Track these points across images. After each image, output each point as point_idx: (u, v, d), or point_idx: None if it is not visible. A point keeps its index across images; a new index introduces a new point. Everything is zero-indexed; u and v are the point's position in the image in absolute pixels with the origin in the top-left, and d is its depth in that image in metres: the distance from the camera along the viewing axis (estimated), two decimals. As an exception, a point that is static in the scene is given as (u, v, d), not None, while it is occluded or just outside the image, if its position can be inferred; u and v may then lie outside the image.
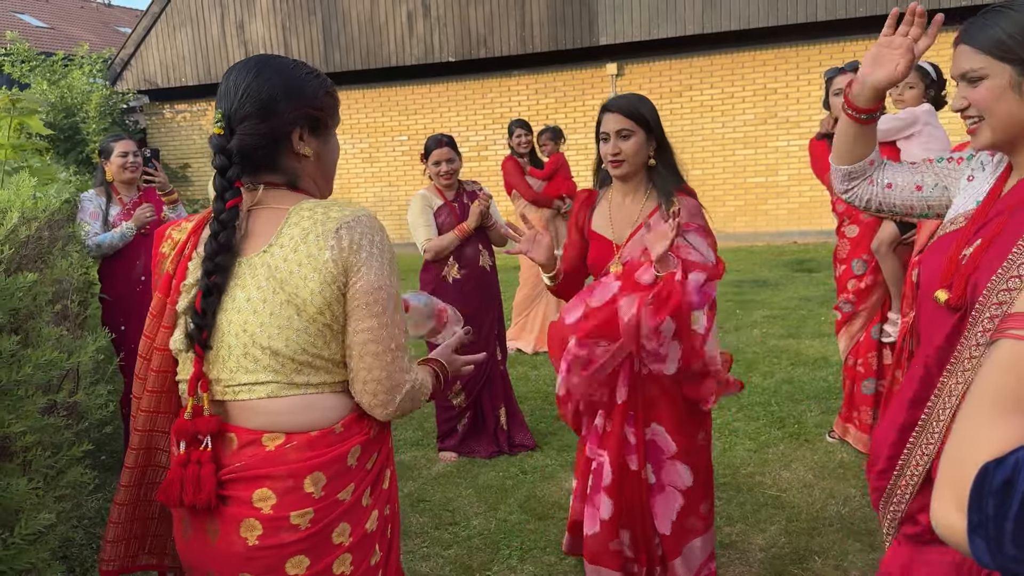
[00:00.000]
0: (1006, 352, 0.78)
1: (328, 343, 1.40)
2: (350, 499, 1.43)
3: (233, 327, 1.40)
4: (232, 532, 1.39)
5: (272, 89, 1.42)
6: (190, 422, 1.41)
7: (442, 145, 4.04)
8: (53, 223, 2.66)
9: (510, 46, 11.63)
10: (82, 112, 12.70)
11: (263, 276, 1.39)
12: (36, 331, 1.86)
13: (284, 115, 1.43)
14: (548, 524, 3.37)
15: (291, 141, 1.45)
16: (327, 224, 1.38)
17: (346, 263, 1.37)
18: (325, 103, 1.50)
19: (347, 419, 1.44)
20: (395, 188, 12.99)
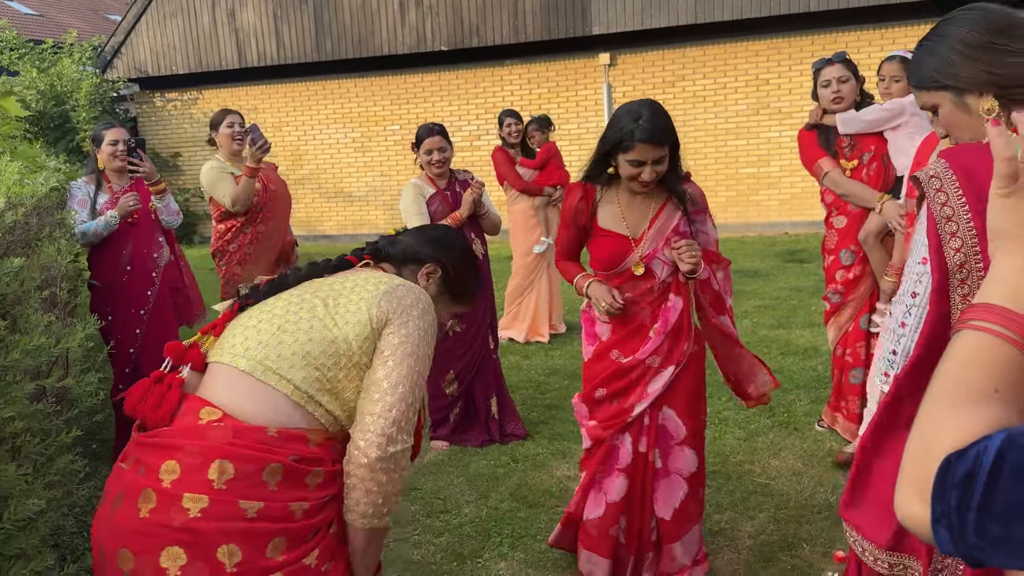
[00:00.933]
0: (966, 343, 0.78)
1: (350, 380, 1.51)
2: (253, 518, 1.34)
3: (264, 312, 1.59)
4: (130, 502, 1.37)
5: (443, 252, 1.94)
6: (185, 346, 1.54)
7: (434, 134, 4.03)
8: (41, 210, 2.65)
9: (503, 35, 11.58)
10: (72, 100, 12.60)
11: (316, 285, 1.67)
12: (24, 317, 1.85)
13: (443, 265, 1.92)
14: (539, 512, 3.38)
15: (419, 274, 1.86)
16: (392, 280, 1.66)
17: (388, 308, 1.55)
18: (458, 268, 1.94)
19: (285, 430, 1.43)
20: (387, 178, 12.95)
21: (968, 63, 1.47)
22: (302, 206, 12.67)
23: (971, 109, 1.49)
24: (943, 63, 1.50)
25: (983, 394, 0.74)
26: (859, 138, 3.69)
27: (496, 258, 4.94)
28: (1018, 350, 0.76)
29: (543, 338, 6.06)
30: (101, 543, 1.41)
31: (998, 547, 0.65)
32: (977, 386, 0.75)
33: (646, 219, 2.59)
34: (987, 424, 0.71)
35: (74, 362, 2.46)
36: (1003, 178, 0.81)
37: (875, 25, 10.41)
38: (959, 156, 1.47)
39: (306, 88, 12.82)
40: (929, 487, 0.70)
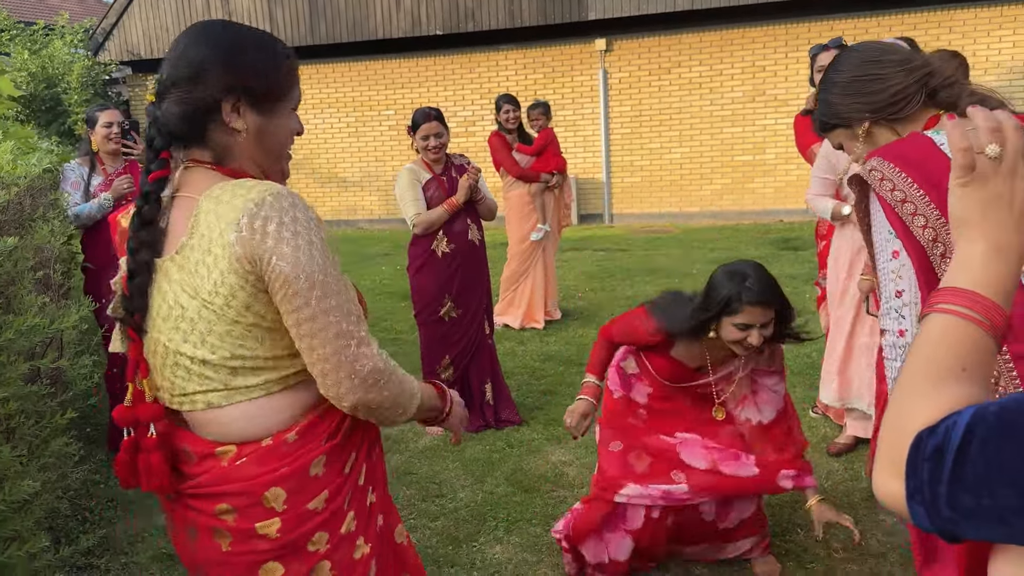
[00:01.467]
0: (935, 325, 0.81)
1: (261, 342, 1.29)
2: (324, 507, 1.37)
3: (166, 333, 1.31)
4: (206, 537, 1.37)
5: (204, 54, 1.31)
6: (130, 409, 1.34)
7: (430, 119, 4.00)
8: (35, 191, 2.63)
9: (498, 20, 11.51)
10: (64, 83, 12.49)
11: (178, 283, 1.29)
12: (18, 297, 1.84)
13: (214, 83, 1.30)
14: (534, 496, 3.39)
15: (221, 112, 1.32)
16: (230, 215, 1.25)
17: (252, 257, 1.23)
18: (273, 75, 1.36)
19: (303, 425, 1.34)
20: (382, 163, 12.90)
21: (847, 99, 1.69)
22: (295, 191, 12.59)
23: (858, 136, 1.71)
24: (829, 107, 1.73)
25: (952, 373, 0.77)
26: None
27: (492, 244, 4.93)
28: (984, 331, 0.78)
29: (538, 324, 6.06)
30: (196, 566, 1.43)
31: (970, 519, 0.67)
32: (946, 365, 0.78)
33: (730, 366, 2.60)
34: (956, 401, 0.73)
35: (68, 344, 2.44)
36: (960, 168, 0.83)
37: (871, 12, 10.39)
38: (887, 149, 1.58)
39: (300, 72, 12.69)
40: (903, 464, 0.72)
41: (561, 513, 3.20)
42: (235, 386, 1.30)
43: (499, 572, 2.86)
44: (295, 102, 1.43)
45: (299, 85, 1.46)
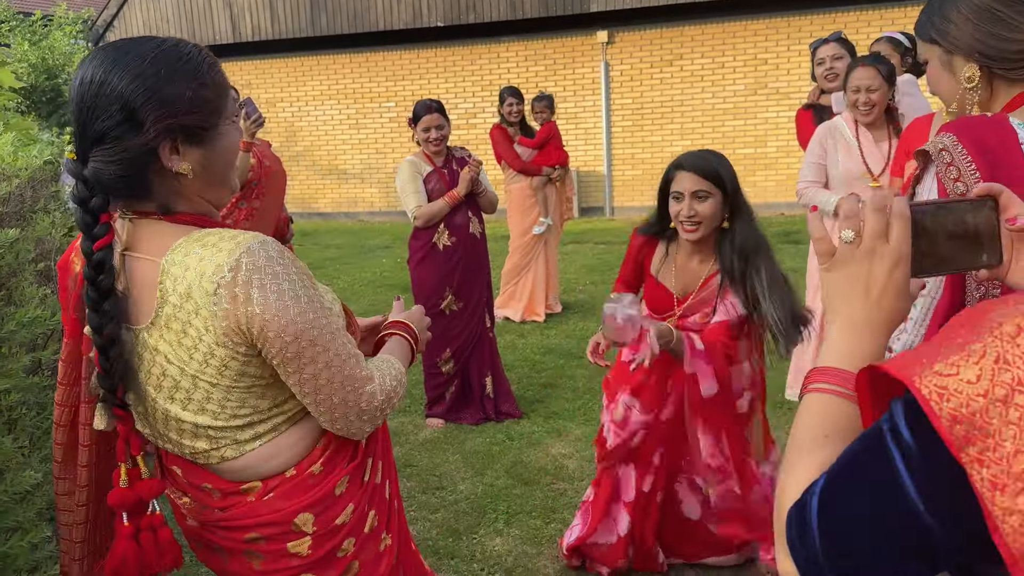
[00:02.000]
0: (806, 405, 0.85)
1: (262, 397, 1.25)
2: (351, 518, 1.38)
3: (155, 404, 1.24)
4: (237, 559, 1.36)
5: (127, 94, 1.12)
6: (129, 491, 1.25)
7: (431, 111, 3.99)
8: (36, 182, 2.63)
9: (500, 12, 11.47)
10: (64, 74, 12.48)
11: (162, 355, 1.19)
12: (19, 289, 1.84)
13: (145, 130, 1.13)
14: (534, 489, 3.40)
15: (159, 159, 1.16)
16: (203, 283, 1.13)
17: (239, 328, 1.15)
18: (201, 99, 1.18)
19: (328, 455, 1.33)
20: (382, 156, 12.88)
21: (966, 26, 1.46)
22: (296, 183, 12.60)
23: (955, 71, 1.50)
24: (942, 19, 1.50)
25: (816, 442, 0.80)
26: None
27: (493, 237, 4.93)
28: (844, 399, 0.82)
29: (539, 317, 6.06)
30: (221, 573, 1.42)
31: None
32: (811, 436, 0.81)
33: (697, 282, 2.50)
34: (819, 467, 0.75)
35: (69, 336, 2.44)
36: (820, 255, 0.88)
37: (873, 5, 10.35)
38: (968, 129, 1.45)
39: (301, 64, 12.71)
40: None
41: (560, 507, 3.22)
42: (244, 439, 1.27)
43: (499, 564, 2.87)
44: (232, 112, 1.26)
45: (229, 88, 1.33)
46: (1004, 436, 0.57)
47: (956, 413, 0.59)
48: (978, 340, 0.61)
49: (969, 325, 0.64)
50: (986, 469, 0.57)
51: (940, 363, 0.62)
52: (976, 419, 0.58)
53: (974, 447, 0.58)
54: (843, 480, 0.69)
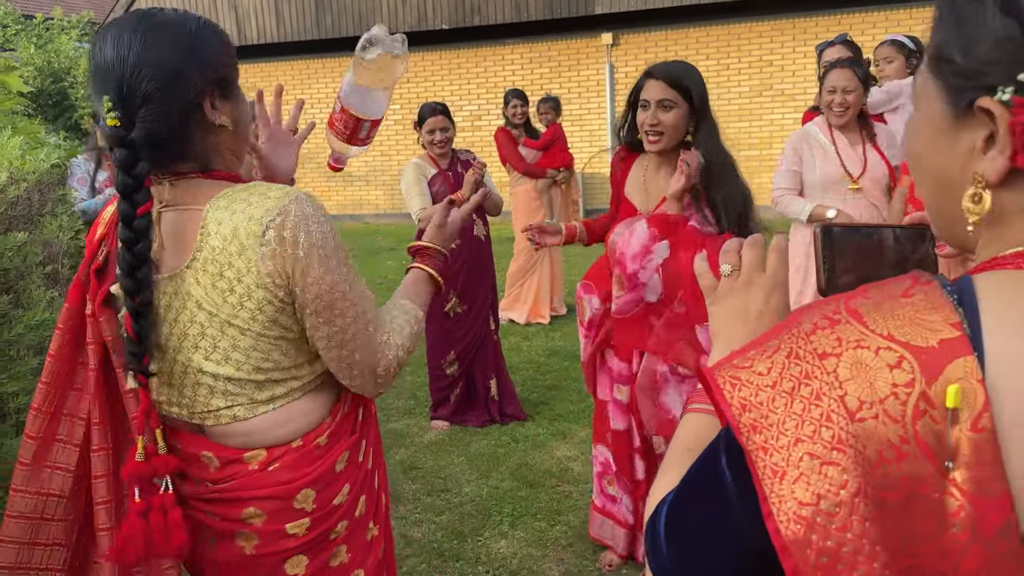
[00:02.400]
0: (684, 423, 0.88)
1: (286, 353, 1.27)
2: (347, 500, 1.39)
3: (176, 355, 1.24)
4: (229, 542, 1.33)
5: (171, 55, 1.17)
6: (146, 465, 1.24)
7: (436, 113, 4.00)
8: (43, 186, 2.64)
9: (504, 14, 11.49)
10: (70, 77, 12.53)
11: (192, 300, 1.21)
12: (27, 292, 1.85)
13: (192, 84, 1.18)
14: (539, 491, 3.40)
15: (204, 113, 1.21)
16: (251, 227, 1.17)
17: (283, 272, 1.19)
18: (228, 56, 1.26)
19: (333, 428, 1.35)
20: (388, 157, 12.90)
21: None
22: (301, 185, 12.59)
23: None
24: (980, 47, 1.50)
25: (681, 456, 0.82)
26: None
27: (497, 239, 4.93)
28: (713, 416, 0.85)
29: (544, 320, 6.06)
30: (202, 568, 1.40)
31: None
32: (679, 450, 0.84)
33: (662, 194, 2.47)
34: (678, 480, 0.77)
35: (76, 339, 2.45)
36: (706, 291, 0.94)
37: (879, 7, 10.33)
38: None
39: (306, 66, 12.74)
40: None
41: (565, 510, 3.22)
42: (260, 399, 1.28)
43: (504, 566, 2.87)
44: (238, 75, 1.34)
45: None
46: (787, 426, 0.59)
47: (745, 402, 0.61)
48: (776, 338, 0.64)
49: (779, 328, 0.65)
50: (768, 456, 0.59)
51: (739, 358, 0.65)
52: (763, 408, 0.60)
53: (759, 435, 0.60)
54: (685, 491, 0.71)
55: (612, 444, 2.68)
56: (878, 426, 0.57)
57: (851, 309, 0.62)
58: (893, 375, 0.57)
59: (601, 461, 2.75)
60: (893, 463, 0.56)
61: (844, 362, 0.59)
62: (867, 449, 0.56)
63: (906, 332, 0.58)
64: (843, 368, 0.59)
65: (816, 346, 0.61)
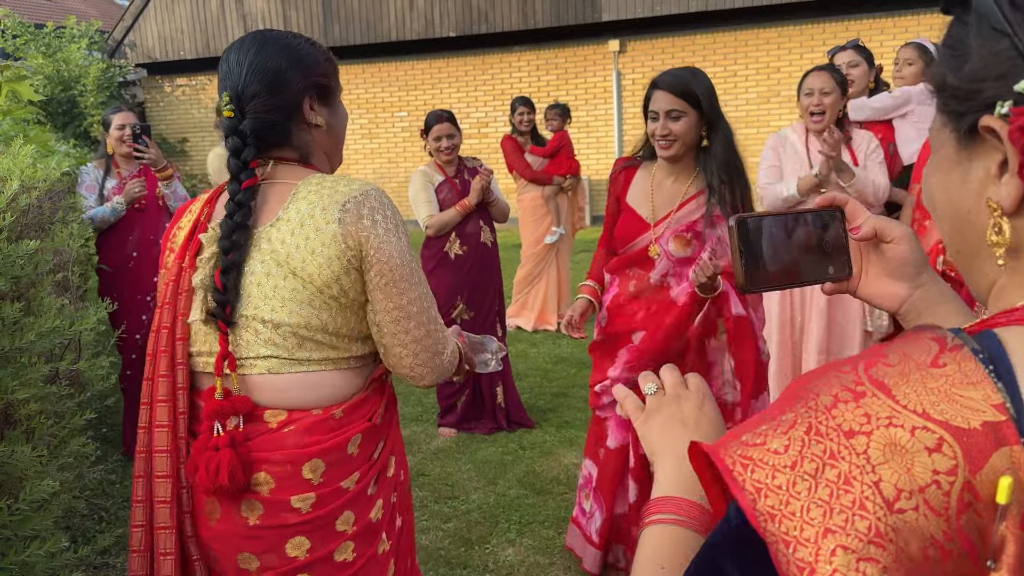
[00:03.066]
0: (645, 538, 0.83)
1: (334, 316, 1.37)
2: (354, 488, 1.42)
3: (246, 303, 1.38)
4: (233, 511, 1.37)
5: (277, 61, 1.39)
6: (227, 403, 1.36)
7: (442, 121, 4.02)
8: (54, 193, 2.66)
9: (512, 21, 11.53)
10: (79, 86, 12.60)
11: (268, 250, 1.37)
12: (38, 299, 1.86)
13: (293, 86, 1.40)
14: (547, 499, 3.39)
15: (303, 112, 1.43)
16: (335, 197, 1.35)
17: (357, 238, 1.34)
18: (328, 69, 1.48)
19: (350, 404, 1.42)
20: (395, 164, 12.94)
21: None
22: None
23: None
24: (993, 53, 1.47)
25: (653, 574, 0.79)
26: (868, 126, 3.67)
27: (505, 246, 4.94)
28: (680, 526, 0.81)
29: (551, 326, 6.06)
30: (211, 548, 1.41)
31: None
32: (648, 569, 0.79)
33: (672, 204, 2.45)
34: None
35: (86, 345, 2.47)
36: (632, 414, 0.94)
37: (887, 13, 10.33)
38: None
39: (314, 74, 12.79)
40: None
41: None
42: (297, 357, 1.37)
43: (511, 574, 2.86)
44: (341, 92, 1.55)
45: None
46: (812, 514, 0.51)
47: (760, 485, 0.53)
48: (791, 410, 0.56)
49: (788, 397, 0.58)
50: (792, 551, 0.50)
51: (748, 433, 0.56)
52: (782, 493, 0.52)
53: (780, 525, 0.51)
54: None
55: (602, 461, 2.65)
56: (919, 519, 0.49)
57: (875, 380, 0.54)
58: (933, 460, 0.50)
59: (585, 475, 2.74)
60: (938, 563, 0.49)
61: (875, 442, 0.51)
62: (909, 546, 0.49)
63: (943, 410, 0.51)
64: (874, 449, 0.51)
65: (840, 422, 0.53)
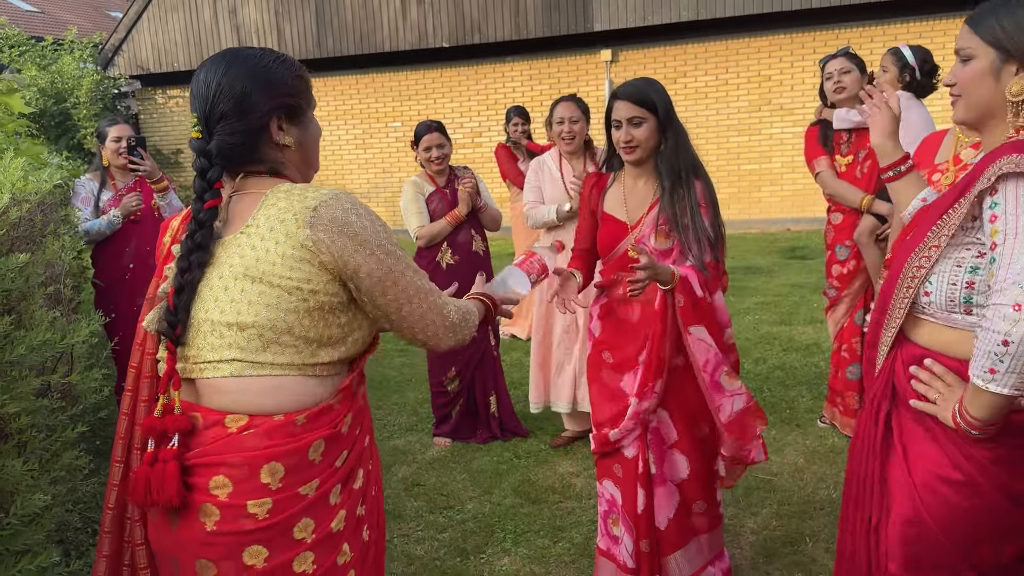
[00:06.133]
0: None
1: (301, 319, 1.37)
2: (314, 494, 1.40)
3: (205, 304, 1.39)
4: (191, 517, 1.37)
5: (244, 83, 1.40)
6: (159, 420, 1.38)
7: (432, 131, 4.03)
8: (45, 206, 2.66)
9: (504, 32, 11.57)
10: (73, 98, 12.59)
11: (236, 256, 1.38)
12: (29, 313, 1.86)
13: (259, 108, 1.41)
14: (542, 508, 3.39)
15: (270, 132, 1.44)
16: (304, 202, 1.37)
17: (332, 243, 1.35)
18: (298, 87, 1.49)
19: (314, 411, 1.40)
20: (388, 175, 12.95)
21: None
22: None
23: (1002, 80, 1.51)
24: (1015, 25, 1.49)
25: None
26: (857, 134, 3.70)
27: (497, 255, 4.95)
28: None
29: (545, 335, 6.05)
30: (172, 554, 1.42)
31: None
32: None
33: (646, 205, 2.57)
34: None
35: (79, 358, 2.47)
36: None
37: (877, 21, 10.39)
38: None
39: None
40: None
41: (568, 526, 3.20)
42: (261, 360, 1.37)
43: (507, 584, 2.86)
44: (314, 107, 1.56)
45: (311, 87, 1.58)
46: None
47: None
48: None
49: None
50: None
51: None
52: None
53: None
54: None
55: (623, 475, 2.57)
56: None
57: None
58: None
59: (607, 499, 2.65)
60: None
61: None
62: None
63: None
64: None
65: None
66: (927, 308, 1.63)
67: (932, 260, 1.58)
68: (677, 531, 2.56)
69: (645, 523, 2.53)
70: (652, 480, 2.55)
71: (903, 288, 1.64)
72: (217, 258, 1.40)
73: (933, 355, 1.63)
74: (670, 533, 2.55)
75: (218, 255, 1.40)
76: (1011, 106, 1.51)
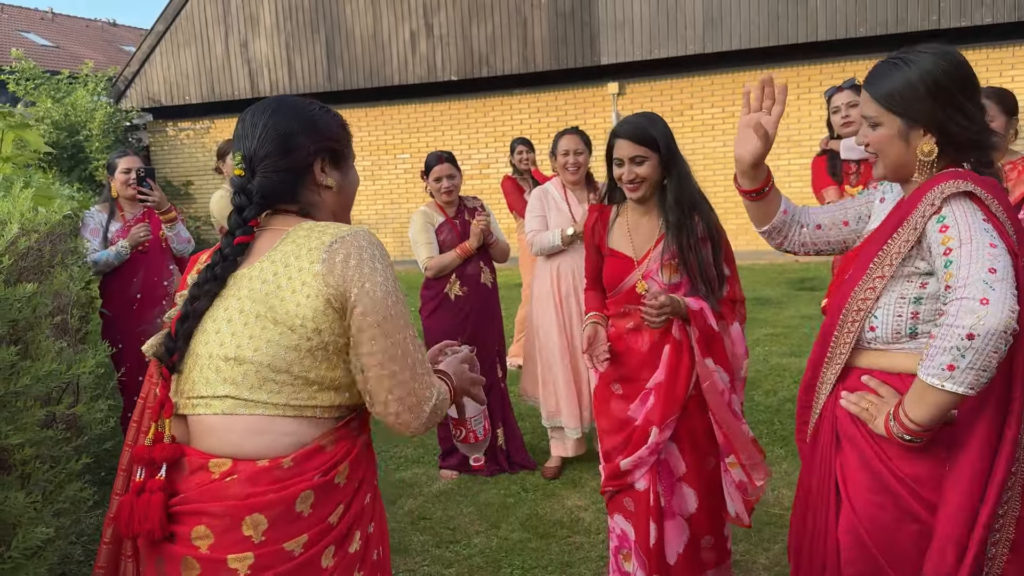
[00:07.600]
0: None
1: (302, 358, 1.33)
2: (301, 553, 1.32)
3: (207, 338, 1.37)
4: (174, 571, 1.32)
5: (289, 125, 1.44)
6: (147, 449, 1.36)
7: (442, 161, 4.05)
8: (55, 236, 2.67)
9: (512, 65, 11.69)
10: (86, 130, 12.75)
11: (246, 289, 1.38)
12: (36, 343, 1.85)
13: (304, 148, 1.45)
14: (550, 543, 3.34)
15: (313, 173, 1.47)
16: (323, 239, 1.36)
17: (340, 277, 1.33)
18: (341, 136, 1.53)
19: (300, 453, 1.33)
20: (397, 206, 13.02)
21: (930, 102, 1.55)
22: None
23: (911, 142, 1.59)
24: (909, 90, 1.56)
25: None
26: (866, 165, 3.70)
27: (505, 285, 4.94)
28: None
29: (553, 366, 6.01)
30: None
31: None
32: None
33: (651, 240, 2.58)
34: None
35: (84, 389, 2.46)
36: None
37: (881, 54, 10.43)
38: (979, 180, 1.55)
39: (317, 117, 12.95)
40: None
41: (576, 562, 3.15)
42: (254, 399, 1.33)
43: (514, 621, 2.80)
44: (354, 158, 1.59)
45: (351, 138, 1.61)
46: None
47: None
48: None
49: None
50: None
51: None
52: None
53: None
54: None
55: (635, 509, 2.53)
56: None
57: None
58: None
59: (618, 534, 2.61)
60: None
61: None
62: None
63: None
64: None
65: None
66: (872, 343, 1.67)
67: (877, 292, 1.62)
68: (687, 566, 2.52)
69: (656, 557, 2.49)
70: (663, 513, 2.51)
71: (847, 324, 1.67)
72: (227, 291, 1.40)
73: (873, 373, 1.67)
74: (680, 568, 2.51)
75: (229, 287, 1.40)
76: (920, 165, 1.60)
